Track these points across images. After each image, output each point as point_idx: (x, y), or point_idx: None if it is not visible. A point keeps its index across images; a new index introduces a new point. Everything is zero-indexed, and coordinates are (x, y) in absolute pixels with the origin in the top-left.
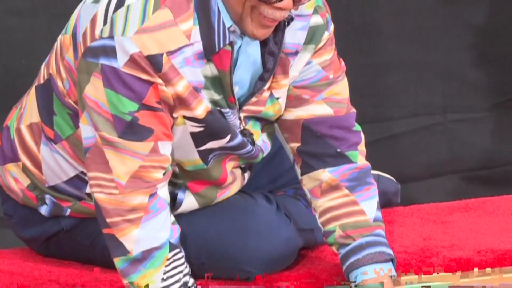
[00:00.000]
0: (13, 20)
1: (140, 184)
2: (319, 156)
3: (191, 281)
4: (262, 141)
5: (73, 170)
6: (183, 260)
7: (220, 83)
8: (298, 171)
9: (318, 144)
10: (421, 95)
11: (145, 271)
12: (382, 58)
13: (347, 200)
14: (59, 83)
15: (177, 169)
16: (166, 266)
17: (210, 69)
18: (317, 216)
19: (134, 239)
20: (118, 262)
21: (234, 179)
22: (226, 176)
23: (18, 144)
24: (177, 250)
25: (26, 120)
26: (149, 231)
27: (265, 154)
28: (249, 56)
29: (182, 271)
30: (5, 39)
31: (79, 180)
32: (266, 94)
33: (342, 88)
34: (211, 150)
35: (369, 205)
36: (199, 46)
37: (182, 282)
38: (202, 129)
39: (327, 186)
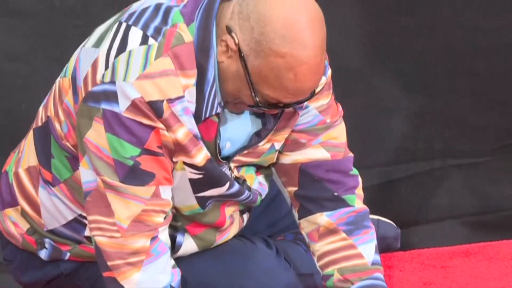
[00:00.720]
0: (12, 65)
1: (142, 227)
2: (316, 200)
3: None
4: (259, 183)
5: (71, 213)
6: None
7: (207, 146)
8: (296, 215)
9: (315, 188)
10: (421, 140)
11: None
12: (381, 102)
13: (345, 244)
14: (57, 126)
15: (175, 212)
16: None
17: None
18: (315, 260)
19: (136, 282)
20: None
21: (232, 222)
22: (224, 219)
23: (16, 188)
24: None
25: (24, 164)
26: (150, 274)
27: (263, 196)
28: (245, 116)
29: None
30: (4, 84)
31: (78, 224)
32: (265, 146)
33: (339, 132)
34: (210, 197)
35: (367, 248)
36: (191, 107)
37: None
38: (201, 176)
39: (325, 230)
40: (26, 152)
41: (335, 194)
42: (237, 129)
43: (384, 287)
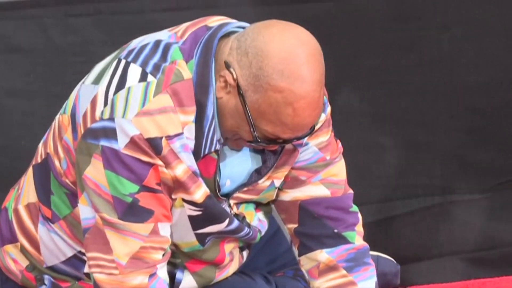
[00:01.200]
0: (11, 101)
1: (140, 264)
2: (316, 237)
3: None
4: (258, 220)
5: (71, 250)
6: None
7: (206, 183)
8: (296, 251)
9: (315, 225)
10: (421, 176)
11: None
12: (381, 139)
13: (345, 281)
14: (57, 162)
15: (174, 248)
16: None
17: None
18: None
19: None
20: None
21: (232, 258)
22: (224, 256)
23: (16, 224)
24: None
25: (23, 200)
26: None
27: (262, 233)
28: (244, 154)
29: None
30: (3, 120)
31: (77, 260)
32: (265, 183)
33: (339, 169)
34: (209, 234)
35: (367, 285)
36: (190, 144)
37: None
38: (200, 213)
39: (325, 266)
40: (26, 189)
41: (335, 231)
42: (237, 166)
43: None
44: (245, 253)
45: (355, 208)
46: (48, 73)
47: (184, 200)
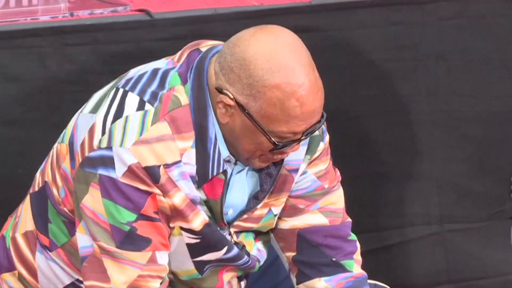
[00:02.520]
0: (8, 130)
1: None
2: (314, 266)
3: None
4: (257, 250)
5: (68, 278)
6: None
7: (210, 208)
8: (294, 280)
9: (313, 254)
10: (418, 205)
11: None
12: (378, 168)
13: None
14: (55, 191)
15: (172, 277)
16: None
17: (202, 194)
18: None
19: None
20: None
21: None
22: (222, 286)
23: (13, 252)
24: None
25: (21, 229)
26: None
27: (261, 263)
28: (241, 179)
29: None
30: (0, 149)
31: None
32: (263, 211)
33: (337, 198)
34: (207, 262)
35: None
36: (190, 169)
37: None
38: (198, 240)
39: None
40: (23, 217)
41: (333, 259)
42: (237, 193)
43: None
44: (243, 284)
45: (353, 236)
46: (45, 102)
47: (182, 228)
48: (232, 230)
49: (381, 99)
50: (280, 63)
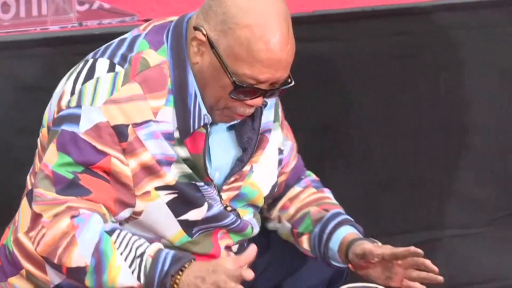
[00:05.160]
0: (20, 138)
1: (61, 215)
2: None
3: (145, 246)
4: (252, 217)
5: None
6: (129, 235)
7: (193, 165)
8: (265, 209)
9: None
10: (419, 211)
11: (107, 267)
12: (381, 174)
13: (319, 195)
14: None
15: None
16: (118, 248)
17: (183, 151)
18: (289, 226)
19: (80, 254)
20: (89, 283)
21: (229, 255)
22: (219, 250)
23: (18, 253)
24: (117, 231)
25: (22, 228)
26: (86, 239)
27: (255, 231)
28: (222, 142)
29: (134, 242)
30: (13, 157)
31: None
32: (247, 168)
33: (293, 143)
34: (194, 223)
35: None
36: (166, 127)
37: (139, 251)
38: (176, 195)
39: (295, 194)
40: (22, 217)
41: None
42: (222, 157)
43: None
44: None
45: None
46: None
47: (157, 188)
48: (223, 194)
49: (384, 108)
50: (257, 6)
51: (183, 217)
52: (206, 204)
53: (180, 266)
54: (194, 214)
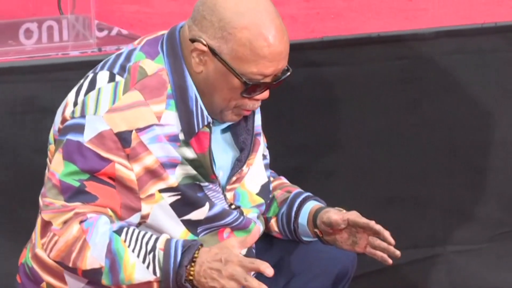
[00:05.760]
0: (39, 157)
1: (72, 221)
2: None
3: (153, 240)
4: (256, 219)
5: None
6: (136, 231)
7: (200, 164)
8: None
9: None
10: (423, 228)
11: (122, 266)
12: (386, 193)
13: (278, 181)
14: None
15: None
16: (129, 246)
17: (190, 152)
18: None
19: (94, 256)
20: (106, 282)
21: None
22: None
23: (38, 268)
24: (125, 229)
25: (39, 244)
26: (97, 242)
27: (261, 227)
28: (220, 143)
29: (143, 238)
30: (31, 176)
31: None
32: (245, 170)
33: None
34: (197, 222)
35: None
36: (171, 129)
37: (150, 246)
38: (179, 197)
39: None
40: (39, 235)
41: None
42: (222, 155)
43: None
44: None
45: None
46: None
47: (161, 191)
48: (228, 194)
49: (388, 129)
50: (248, 6)
51: (186, 217)
52: (207, 204)
53: (192, 256)
54: (197, 214)
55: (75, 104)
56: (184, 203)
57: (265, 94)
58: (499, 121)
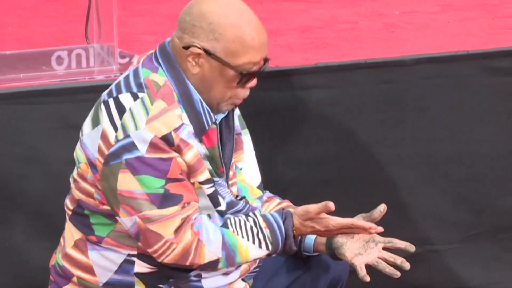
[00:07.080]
0: (70, 169)
1: (184, 228)
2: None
3: (253, 223)
4: (260, 207)
5: (120, 256)
6: (237, 220)
7: (211, 158)
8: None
9: None
10: (403, 230)
11: (237, 252)
12: (371, 199)
13: (285, 204)
14: (90, 200)
15: None
16: (238, 235)
17: (203, 148)
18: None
19: (211, 251)
20: (221, 266)
21: None
22: None
23: (68, 264)
24: (228, 221)
25: (69, 244)
26: (210, 239)
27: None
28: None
29: (245, 224)
30: (65, 186)
31: (127, 264)
32: (234, 167)
33: None
34: (223, 212)
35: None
36: (191, 128)
37: (255, 230)
38: (214, 188)
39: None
40: (68, 236)
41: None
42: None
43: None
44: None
45: None
46: None
47: (201, 183)
48: (232, 189)
49: (374, 144)
50: (231, 7)
51: (219, 208)
52: (220, 197)
53: (291, 224)
54: (223, 205)
55: (116, 129)
56: (217, 194)
57: (254, 82)
58: (470, 137)
